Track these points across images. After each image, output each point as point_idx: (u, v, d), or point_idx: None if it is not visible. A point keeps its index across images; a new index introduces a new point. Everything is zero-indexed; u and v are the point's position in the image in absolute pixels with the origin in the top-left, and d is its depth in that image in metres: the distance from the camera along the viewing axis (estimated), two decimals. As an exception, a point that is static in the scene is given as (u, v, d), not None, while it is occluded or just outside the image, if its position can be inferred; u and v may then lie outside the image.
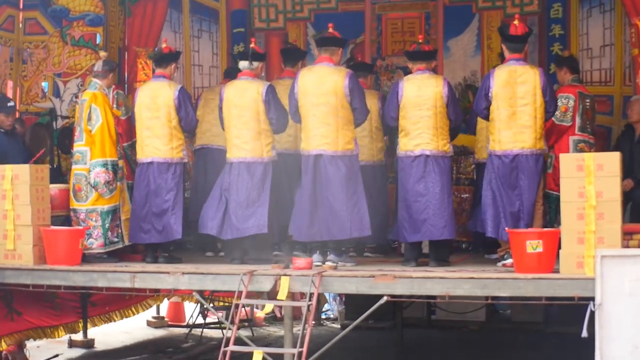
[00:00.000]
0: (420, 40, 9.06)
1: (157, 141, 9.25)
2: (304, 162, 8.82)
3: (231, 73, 10.48)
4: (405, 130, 8.75)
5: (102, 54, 9.89)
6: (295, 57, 10.53)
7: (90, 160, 9.16)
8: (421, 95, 8.69)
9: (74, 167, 9.37)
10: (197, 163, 10.78)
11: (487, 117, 8.64)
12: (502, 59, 9.04)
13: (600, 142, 10.43)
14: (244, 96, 9.04)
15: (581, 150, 9.20)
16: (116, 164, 9.23)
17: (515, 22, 8.59)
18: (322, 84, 8.72)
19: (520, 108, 8.37)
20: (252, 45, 9.43)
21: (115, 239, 9.30)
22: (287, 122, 9.23)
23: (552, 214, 9.32)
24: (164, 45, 9.51)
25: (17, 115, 10.57)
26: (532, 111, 8.38)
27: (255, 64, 9.26)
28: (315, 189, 8.68)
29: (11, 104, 10.32)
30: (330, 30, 9.00)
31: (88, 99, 9.26)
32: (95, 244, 9.20)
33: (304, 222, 8.71)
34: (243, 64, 9.29)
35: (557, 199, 9.49)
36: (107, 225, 9.20)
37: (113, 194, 9.21)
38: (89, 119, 9.18)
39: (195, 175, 10.74)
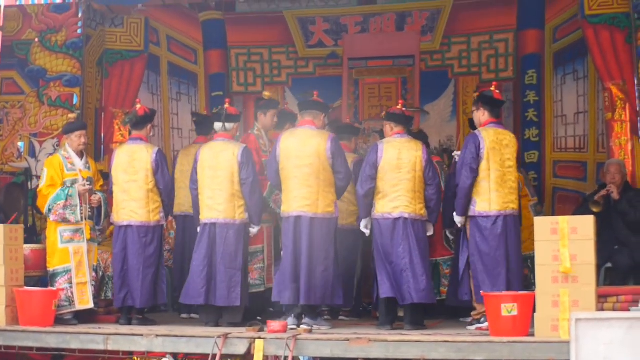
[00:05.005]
0: (400, 105, 9.13)
1: (134, 204, 9.21)
2: (284, 224, 8.83)
3: (201, 126, 10.45)
4: (382, 192, 8.74)
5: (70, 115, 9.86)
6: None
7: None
8: (401, 159, 8.71)
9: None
10: (177, 230, 10.62)
11: (474, 179, 8.48)
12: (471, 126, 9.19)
13: (575, 208, 10.49)
14: (219, 157, 9.04)
15: None
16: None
17: (493, 88, 8.77)
18: (304, 146, 8.76)
19: (507, 169, 8.43)
20: (226, 106, 9.34)
21: (64, 303, 9.08)
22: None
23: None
24: (138, 106, 9.44)
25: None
26: (516, 173, 8.52)
27: (229, 125, 9.27)
28: (295, 251, 8.66)
29: None
30: (315, 97, 9.08)
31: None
32: None
33: (286, 284, 8.67)
34: (217, 126, 9.30)
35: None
36: (53, 288, 9.05)
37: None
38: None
39: (176, 243, 10.58)
